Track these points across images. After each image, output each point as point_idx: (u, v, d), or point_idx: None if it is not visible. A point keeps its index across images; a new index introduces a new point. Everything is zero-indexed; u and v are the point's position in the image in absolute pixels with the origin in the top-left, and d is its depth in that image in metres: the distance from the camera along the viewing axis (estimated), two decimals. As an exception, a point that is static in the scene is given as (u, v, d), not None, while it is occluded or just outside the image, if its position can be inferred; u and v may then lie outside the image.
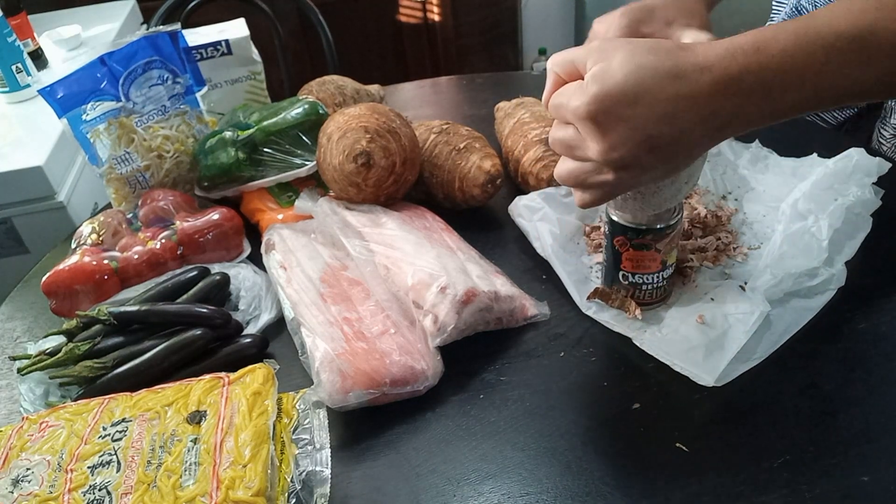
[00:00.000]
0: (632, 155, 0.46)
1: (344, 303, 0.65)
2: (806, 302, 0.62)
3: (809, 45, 0.45)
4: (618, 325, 0.63)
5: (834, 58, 0.45)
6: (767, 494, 0.49)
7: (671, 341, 0.60)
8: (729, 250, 0.70)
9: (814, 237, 0.63)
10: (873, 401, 0.55)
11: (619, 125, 0.46)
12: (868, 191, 0.69)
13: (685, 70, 0.45)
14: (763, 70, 0.45)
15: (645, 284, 0.63)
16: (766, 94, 0.45)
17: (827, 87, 0.46)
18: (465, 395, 0.60)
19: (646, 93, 0.45)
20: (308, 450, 0.53)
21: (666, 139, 0.46)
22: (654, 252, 0.60)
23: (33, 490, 0.47)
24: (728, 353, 0.57)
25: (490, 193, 0.79)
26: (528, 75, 1.75)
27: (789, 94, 0.46)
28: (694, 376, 0.57)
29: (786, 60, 0.45)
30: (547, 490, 0.51)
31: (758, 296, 0.60)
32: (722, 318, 0.60)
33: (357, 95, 0.96)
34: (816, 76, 0.45)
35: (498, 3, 2.49)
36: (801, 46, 0.45)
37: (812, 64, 0.45)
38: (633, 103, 0.45)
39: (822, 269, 0.62)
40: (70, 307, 0.71)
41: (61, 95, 0.79)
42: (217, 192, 0.85)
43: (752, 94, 0.45)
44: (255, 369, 0.56)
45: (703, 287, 0.66)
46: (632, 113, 0.45)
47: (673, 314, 0.63)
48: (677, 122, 0.46)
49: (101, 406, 0.54)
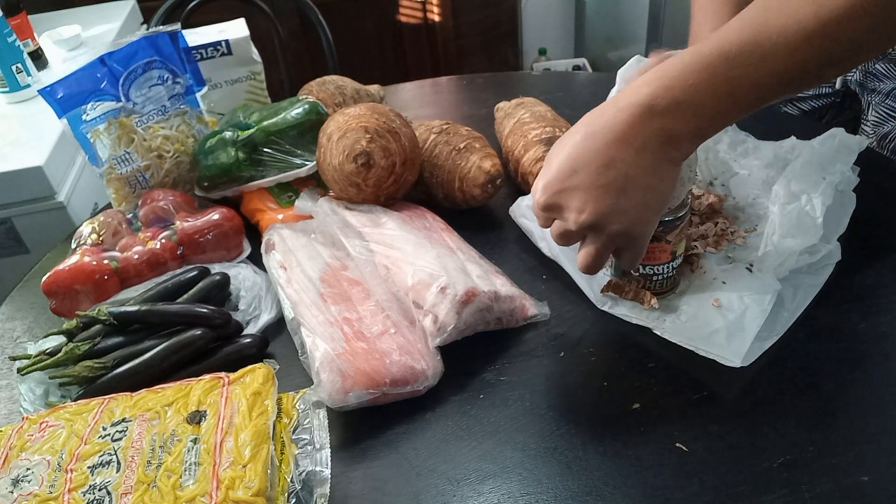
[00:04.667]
0: (598, 211, 0.52)
1: (344, 303, 0.65)
2: (811, 278, 0.65)
3: (707, 57, 0.50)
4: (635, 317, 0.64)
5: (734, 61, 0.49)
6: (767, 494, 0.49)
7: (692, 327, 0.62)
8: (728, 235, 0.71)
9: (808, 215, 0.65)
10: (873, 401, 0.55)
11: (572, 195, 0.53)
12: (849, 169, 0.71)
13: (602, 121, 0.52)
14: (669, 90, 0.50)
15: (656, 275, 0.64)
16: (682, 110, 0.51)
17: (742, 90, 0.50)
18: (465, 395, 0.60)
19: (577, 160, 0.53)
20: (308, 450, 0.53)
21: (618, 182, 0.52)
22: (664, 244, 0.61)
23: (33, 490, 0.47)
24: (749, 334, 0.59)
25: (490, 193, 0.79)
26: (528, 75, 1.75)
27: (706, 105, 0.51)
28: (720, 359, 0.58)
29: (687, 77, 0.50)
30: (547, 490, 0.51)
31: (767, 276, 0.62)
32: (738, 300, 0.62)
33: (357, 95, 0.96)
34: (726, 84, 0.50)
35: (498, 3, 2.49)
36: (701, 61, 0.50)
37: (715, 75, 0.50)
38: (571, 174, 0.53)
39: (820, 246, 0.64)
40: (70, 307, 0.71)
41: (61, 95, 0.79)
42: (217, 192, 0.85)
43: (668, 114, 0.51)
44: (255, 369, 0.56)
45: (712, 272, 0.67)
46: (576, 181, 0.53)
47: (688, 301, 0.64)
48: (616, 163, 0.52)
49: (101, 406, 0.54)
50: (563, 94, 1.08)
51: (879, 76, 0.86)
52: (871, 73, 0.87)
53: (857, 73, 0.89)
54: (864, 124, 0.90)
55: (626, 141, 0.52)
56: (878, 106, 0.87)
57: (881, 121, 0.87)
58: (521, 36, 2.65)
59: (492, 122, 0.94)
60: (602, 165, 0.52)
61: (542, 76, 1.62)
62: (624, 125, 0.52)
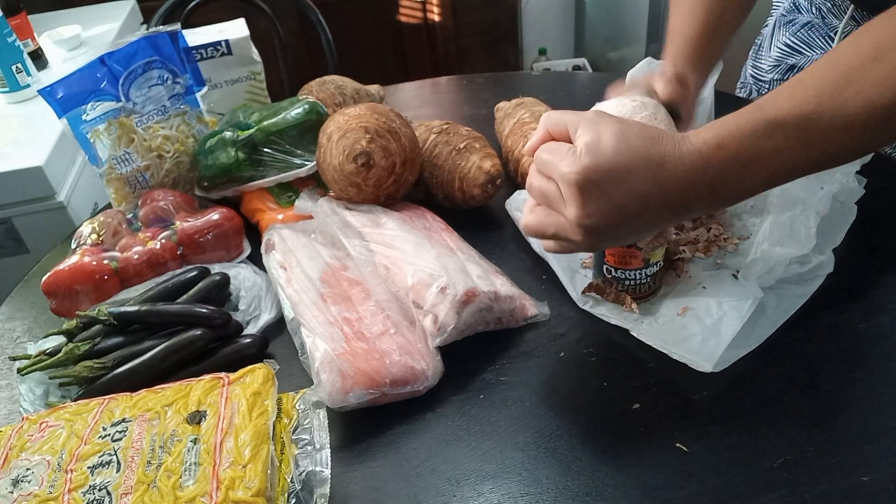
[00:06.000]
0: (604, 223, 0.51)
1: (344, 303, 0.65)
2: (798, 288, 0.64)
3: (758, 138, 0.49)
4: (614, 317, 0.64)
5: (781, 145, 0.49)
6: (767, 494, 0.49)
7: (668, 330, 0.61)
8: (720, 241, 0.71)
9: (802, 225, 0.64)
10: (873, 401, 0.55)
11: (601, 197, 0.50)
12: (852, 179, 0.70)
13: (666, 159, 0.50)
14: (722, 164, 0.49)
15: (629, 280, 0.64)
16: (723, 184, 0.50)
17: (776, 172, 0.50)
18: (465, 395, 0.60)
19: (630, 173, 0.49)
20: (308, 450, 0.53)
21: (636, 215, 0.51)
22: (634, 249, 0.62)
23: (33, 490, 0.47)
24: (724, 340, 0.58)
25: (490, 193, 0.79)
26: (528, 75, 1.75)
27: (745, 181, 0.50)
28: (692, 363, 0.58)
29: (741, 155, 0.49)
30: (547, 490, 0.51)
31: (751, 283, 0.62)
32: (717, 306, 0.61)
33: (357, 95, 0.96)
34: (767, 164, 0.49)
35: (498, 3, 2.49)
36: (753, 140, 0.49)
37: (761, 155, 0.49)
38: (617, 181, 0.49)
39: (811, 257, 0.64)
40: (70, 307, 0.71)
41: (61, 95, 0.79)
42: (217, 192, 0.85)
43: (713, 185, 0.50)
44: (255, 369, 0.56)
45: (697, 277, 0.67)
46: (614, 189, 0.49)
47: (668, 305, 0.64)
48: (650, 201, 0.50)
49: (101, 406, 0.54)
50: (563, 94, 1.08)
51: None
52: None
53: None
54: None
55: (671, 191, 0.50)
56: None
57: None
58: (521, 36, 2.65)
59: (492, 122, 0.94)
60: (641, 195, 0.49)
61: (542, 76, 1.62)
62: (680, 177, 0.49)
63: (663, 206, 0.51)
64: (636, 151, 0.49)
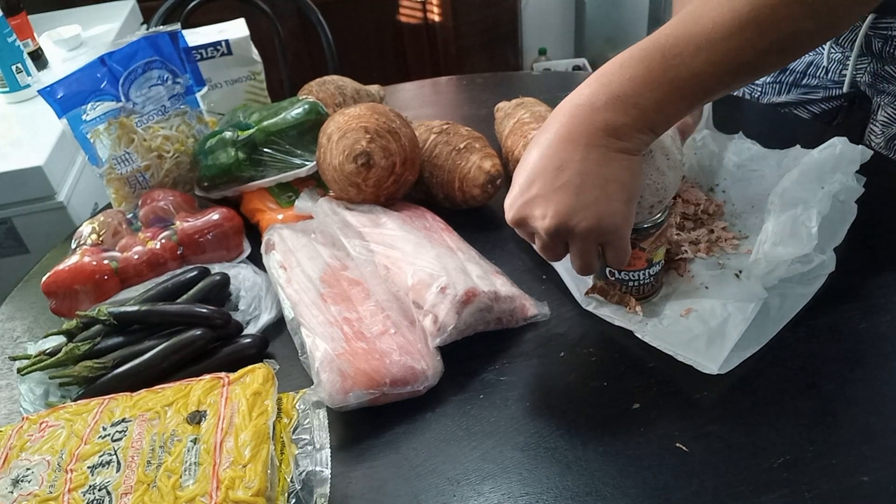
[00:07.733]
0: (560, 212, 0.53)
1: (344, 303, 0.65)
2: (800, 288, 0.64)
3: (644, 51, 0.52)
4: (618, 319, 0.64)
5: (670, 52, 0.51)
6: (767, 494, 0.49)
7: (673, 332, 0.61)
8: (721, 241, 0.71)
9: (803, 225, 0.64)
10: (873, 401, 0.55)
11: (534, 205, 0.55)
12: (851, 178, 0.70)
13: (550, 129, 0.54)
14: (607, 86, 0.53)
15: (632, 281, 0.64)
16: (622, 103, 0.52)
17: (681, 81, 0.51)
18: (465, 395, 0.60)
19: (533, 171, 0.54)
20: (308, 450, 0.53)
21: (573, 181, 0.53)
22: (638, 251, 0.61)
23: (33, 490, 0.47)
24: (729, 341, 0.58)
25: (490, 194, 0.79)
26: (528, 75, 1.75)
27: (645, 97, 0.52)
28: (698, 365, 0.58)
29: (625, 71, 0.52)
30: (547, 490, 0.51)
31: (754, 283, 0.61)
32: (721, 307, 0.61)
33: (357, 95, 0.96)
34: (663, 74, 0.51)
35: (498, 3, 2.49)
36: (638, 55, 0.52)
37: (651, 67, 0.51)
38: (529, 186, 0.55)
39: (813, 256, 0.64)
40: (70, 307, 0.71)
41: (61, 95, 0.79)
42: (217, 192, 0.85)
43: (609, 108, 0.52)
44: (255, 369, 0.56)
45: (700, 278, 0.67)
46: (535, 191, 0.54)
47: (672, 306, 0.64)
48: (567, 164, 0.53)
49: (101, 406, 0.54)
50: (563, 94, 1.07)
51: (889, 78, 0.86)
52: (881, 74, 0.86)
53: (867, 74, 0.88)
54: (872, 124, 0.90)
55: (572, 141, 0.53)
56: (888, 107, 0.87)
57: (890, 121, 0.87)
58: (521, 36, 2.65)
59: (492, 122, 0.94)
60: (555, 169, 0.53)
61: (542, 76, 1.62)
62: (568, 126, 0.54)
63: (583, 152, 0.53)
64: (523, 158, 0.56)
